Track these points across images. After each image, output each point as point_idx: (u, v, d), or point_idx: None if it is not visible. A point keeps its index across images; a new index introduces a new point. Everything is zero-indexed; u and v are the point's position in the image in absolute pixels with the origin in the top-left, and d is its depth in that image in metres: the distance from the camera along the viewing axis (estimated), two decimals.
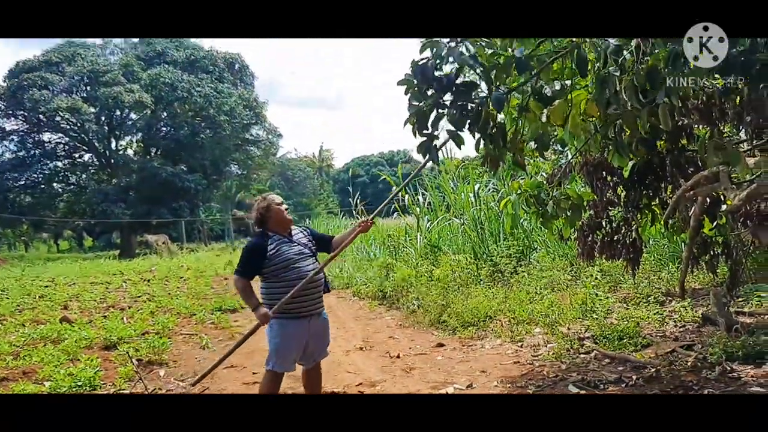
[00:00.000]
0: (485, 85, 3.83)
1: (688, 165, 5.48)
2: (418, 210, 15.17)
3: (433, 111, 3.78)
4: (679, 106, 4.37)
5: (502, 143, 4.04)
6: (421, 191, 15.94)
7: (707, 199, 5.48)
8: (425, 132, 3.86)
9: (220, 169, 43.76)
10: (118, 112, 39.39)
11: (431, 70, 3.64)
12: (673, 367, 5.13)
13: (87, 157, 41.80)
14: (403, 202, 15.93)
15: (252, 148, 46.48)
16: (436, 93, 3.71)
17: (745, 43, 3.33)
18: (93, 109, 37.34)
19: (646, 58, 3.53)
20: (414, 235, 14.40)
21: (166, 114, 40.71)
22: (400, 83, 3.78)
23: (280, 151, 54.61)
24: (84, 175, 41.05)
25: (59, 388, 5.81)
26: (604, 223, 5.97)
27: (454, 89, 3.72)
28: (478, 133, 3.95)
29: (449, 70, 3.75)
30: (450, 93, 3.72)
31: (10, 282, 17.32)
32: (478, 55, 3.71)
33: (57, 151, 40.34)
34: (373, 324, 9.18)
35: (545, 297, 8.11)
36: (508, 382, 5.44)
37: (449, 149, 16.19)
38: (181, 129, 40.02)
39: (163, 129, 42.01)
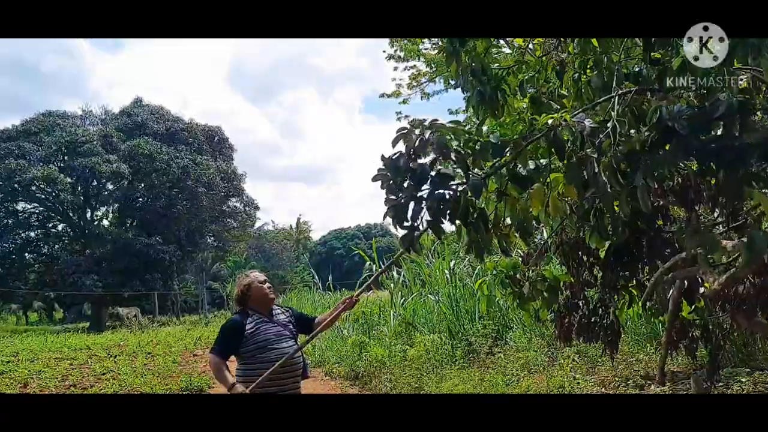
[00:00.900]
0: (461, 172, 3.73)
1: (665, 246, 5.41)
2: (392, 286, 14.96)
3: (411, 203, 3.67)
4: (656, 187, 4.31)
5: (484, 230, 3.92)
6: (395, 266, 15.75)
7: (685, 281, 5.40)
8: (405, 225, 3.73)
9: (195, 240, 43.35)
10: (95, 182, 39.19)
11: (405, 162, 3.54)
12: None
13: (61, 227, 41.29)
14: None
15: (229, 220, 46.32)
16: (412, 185, 3.60)
17: (719, 127, 3.29)
18: (69, 179, 37.09)
19: (622, 140, 3.48)
20: (388, 312, 14.14)
21: (143, 185, 40.55)
22: (375, 179, 3.66)
23: (258, 223, 54.58)
24: (57, 246, 40.41)
25: None
26: (581, 305, 5.85)
27: (430, 180, 3.61)
28: (458, 221, 3.82)
29: (424, 160, 3.66)
30: (426, 184, 3.62)
31: None
32: (448, 145, 3.60)
33: (30, 220, 39.78)
34: None
35: (522, 380, 7.87)
36: None
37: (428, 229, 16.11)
38: (158, 200, 39.84)
39: (140, 200, 41.78)
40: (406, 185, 3.57)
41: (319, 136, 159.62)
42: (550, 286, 5.16)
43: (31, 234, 40.15)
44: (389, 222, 3.83)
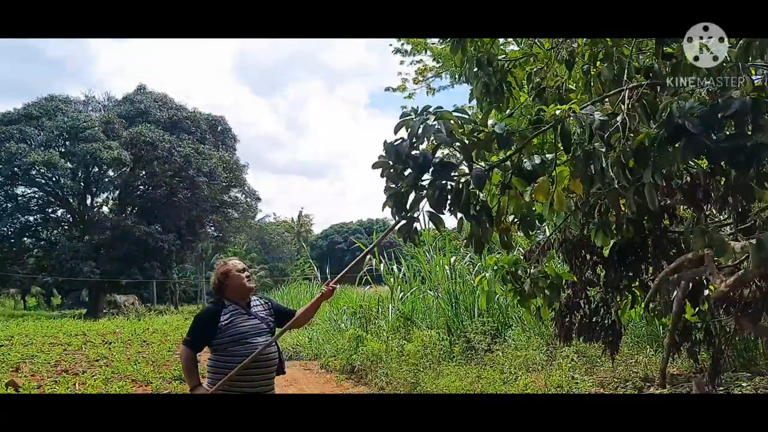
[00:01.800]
0: (465, 163, 3.62)
1: (671, 246, 5.31)
2: (392, 280, 14.86)
3: (411, 192, 3.55)
4: (664, 185, 4.21)
5: (487, 223, 3.80)
6: (395, 262, 15.67)
7: (689, 283, 5.30)
8: (404, 215, 3.62)
9: (195, 230, 43.16)
10: (96, 169, 38.95)
11: (407, 149, 3.42)
12: None
13: (60, 212, 41.06)
14: (377, 272, 15.61)
15: (230, 211, 46.07)
16: (413, 173, 3.48)
17: (731, 126, 3.20)
18: (70, 164, 36.93)
19: (631, 135, 3.38)
20: (386, 306, 14.05)
21: (144, 172, 40.31)
22: (375, 166, 3.55)
23: (259, 215, 54.41)
24: (56, 231, 40.25)
25: None
26: (582, 304, 5.76)
27: (432, 168, 3.50)
28: (460, 213, 3.71)
29: (426, 147, 3.55)
30: (428, 173, 3.50)
31: None
32: (454, 132, 3.50)
33: (30, 205, 39.59)
34: None
35: (519, 378, 7.78)
36: None
37: (427, 221, 16.00)
38: (159, 188, 39.67)
39: (141, 187, 41.60)
40: (407, 173, 3.46)
41: (323, 131, 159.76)
42: (552, 284, 5.06)
43: (30, 218, 39.95)
44: (390, 217, 3.73)
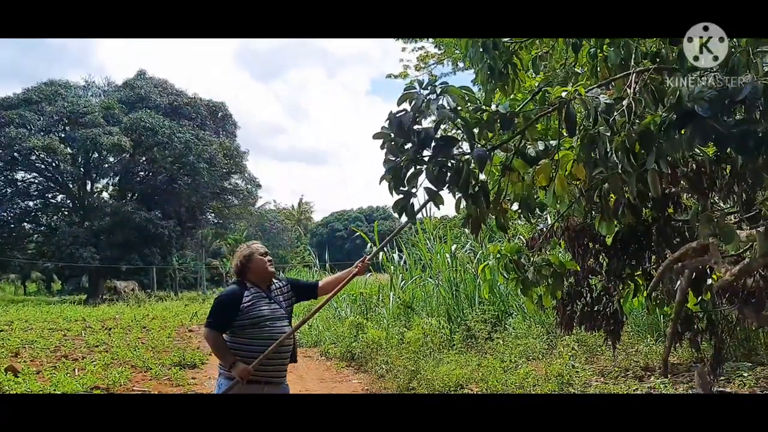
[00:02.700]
0: (467, 141, 3.57)
1: (675, 235, 5.26)
2: (392, 268, 14.83)
3: (411, 167, 3.49)
4: (668, 173, 4.15)
5: (484, 204, 3.75)
6: (396, 249, 15.64)
7: (693, 272, 5.25)
8: (402, 189, 3.56)
9: (196, 216, 43.17)
10: (96, 154, 38.88)
11: (409, 122, 3.36)
12: None
13: (60, 198, 41.08)
14: (377, 259, 15.57)
15: (230, 197, 46.03)
16: (414, 147, 3.42)
17: (740, 111, 3.14)
18: (70, 150, 36.84)
19: (636, 120, 3.32)
20: (387, 294, 14.02)
21: (144, 158, 40.28)
22: (376, 136, 3.49)
23: (259, 202, 54.40)
24: (56, 217, 40.25)
25: None
26: (584, 293, 5.71)
27: (434, 144, 3.44)
28: (458, 193, 3.66)
29: (429, 123, 3.49)
30: (429, 148, 3.44)
31: None
32: (459, 109, 3.44)
33: (30, 190, 39.56)
34: (339, 388, 8.71)
35: (520, 366, 7.74)
36: None
37: (428, 207, 15.96)
38: (159, 174, 39.62)
39: (141, 173, 41.55)
40: (407, 146, 3.41)
41: (324, 117, 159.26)
42: (555, 272, 5.01)
43: (30, 204, 39.96)
44: (390, 204, 3.67)
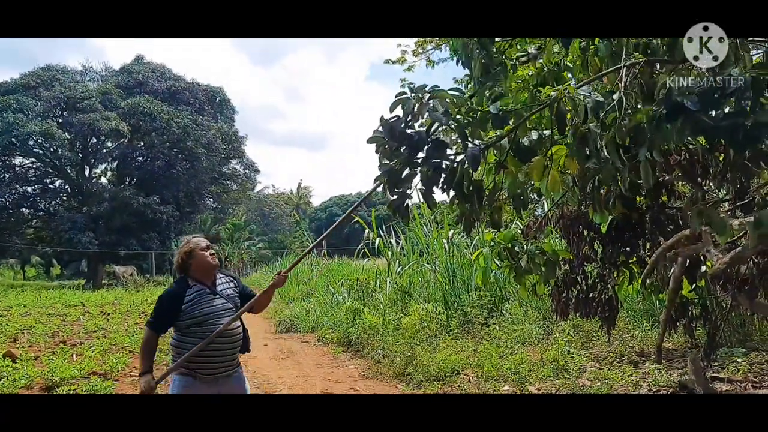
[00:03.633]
0: (460, 142, 3.60)
1: (668, 223, 5.30)
2: (390, 253, 14.86)
3: (405, 170, 3.52)
4: (661, 162, 4.17)
5: (478, 203, 3.78)
6: (393, 235, 15.68)
7: (687, 259, 5.29)
8: (397, 191, 3.60)
9: (194, 201, 43.07)
10: (94, 140, 38.71)
11: (401, 127, 3.39)
12: None
13: (58, 183, 40.82)
14: (374, 245, 15.60)
15: (229, 182, 45.98)
16: (407, 151, 3.45)
17: (730, 104, 3.15)
18: (68, 135, 36.68)
19: (629, 112, 3.33)
20: (384, 280, 14.07)
21: (142, 143, 40.07)
22: (370, 141, 3.52)
23: (258, 187, 54.30)
24: (54, 202, 40.08)
25: None
26: (579, 280, 5.76)
27: (426, 147, 3.47)
28: (452, 191, 3.69)
29: (420, 126, 3.52)
30: (422, 151, 3.47)
31: None
32: (450, 110, 3.47)
33: (28, 175, 39.38)
34: (335, 373, 8.76)
35: (516, 352, 7.81)
36: None
37: (421, 198, 15.96)
38: (157, 159, 39.44)
39: (139, 159, 41.37)
40: (402, 150, 3.44)
41: (322, 102, 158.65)
42: (548, 260, 5.05)
43: (29, 189, 39.76)
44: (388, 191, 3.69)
